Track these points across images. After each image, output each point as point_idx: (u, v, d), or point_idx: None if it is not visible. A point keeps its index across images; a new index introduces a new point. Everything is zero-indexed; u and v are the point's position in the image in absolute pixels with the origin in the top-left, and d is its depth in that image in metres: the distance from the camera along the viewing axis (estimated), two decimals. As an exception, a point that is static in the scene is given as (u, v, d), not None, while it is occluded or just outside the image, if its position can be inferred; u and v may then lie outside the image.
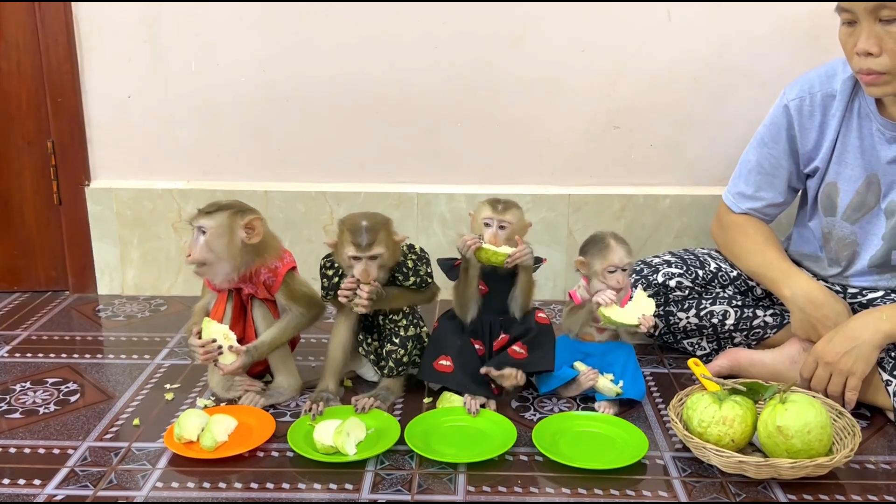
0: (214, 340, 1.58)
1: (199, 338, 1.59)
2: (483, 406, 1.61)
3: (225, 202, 1.62)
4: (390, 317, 1.67)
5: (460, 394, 1.64)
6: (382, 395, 1.64)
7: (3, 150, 2.22)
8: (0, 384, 1.77)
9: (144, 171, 2.25)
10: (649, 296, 1.67)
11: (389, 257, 1.60)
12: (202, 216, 1.59)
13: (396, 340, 1.66)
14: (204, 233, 1.57)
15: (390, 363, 1.66)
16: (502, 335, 1.67)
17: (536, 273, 1.67)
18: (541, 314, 1.68)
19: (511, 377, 1.61)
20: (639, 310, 1.63)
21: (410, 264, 1.65)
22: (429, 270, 1.68)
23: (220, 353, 1.59)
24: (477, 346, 1.66)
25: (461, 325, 1.68)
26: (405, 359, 1.66)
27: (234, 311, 1.68)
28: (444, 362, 1.64)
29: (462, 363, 1.64)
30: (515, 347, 1.63)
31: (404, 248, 1.66)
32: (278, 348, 1.68)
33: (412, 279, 1.65)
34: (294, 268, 1.68)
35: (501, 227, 1.61)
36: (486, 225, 1.62)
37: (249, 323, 1.69)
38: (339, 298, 1.61)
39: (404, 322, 1.67)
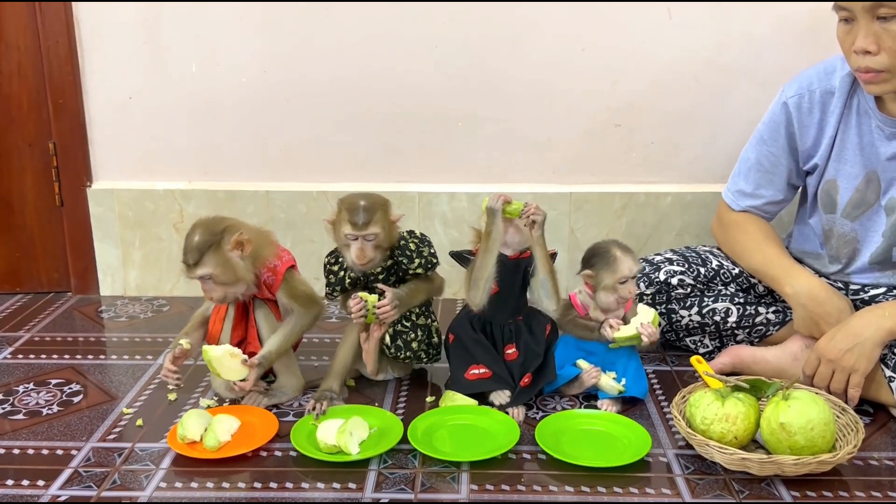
0: (177, 372, 1.61)
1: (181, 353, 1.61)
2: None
3: (197, 240, 1.54)
4: None
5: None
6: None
7: (5, 152, 2.23)
8: (3, 386, 1.77)
9: (146, 172, 2.25)
10: (649, 302, 1.66)
11: (385, 238, 1.61)
12: (194, 269, 1.55)
13: (408, 324, 1.67)
14: (210, 278, 1.56)
15: (398, 342, 1.66)
16: (513, 349, 1.66)
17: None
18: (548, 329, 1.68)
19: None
20: (638, 320, 1.63)
21: (413, 247, 1.66)
22: (432, 251, 1.69)
23: (180, 384, 1.62)
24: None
25: (474, 330, 1.66)
26: (413, 344, 1.67)
27: (236, 313, 1.68)
28: (478, 371, 1.63)
29: (495, 366, 1.64)
30: (525, 379, 1.63)
31: (404, 233, 1.68)
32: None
33: (417, 261, 1.65)
34: (293, 266, 1.68)
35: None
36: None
37: (252, 323, 1.69)
38: (354, 321, 1.62)
39: (417, 310, 1.69)
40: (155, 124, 2.21)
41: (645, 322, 1.62)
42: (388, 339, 1.66)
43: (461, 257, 1.67)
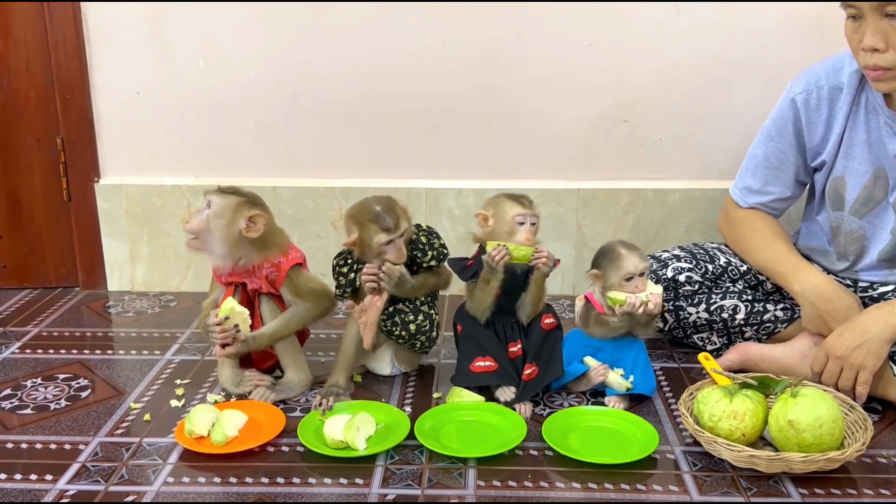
0: (228, 319, 1.59)
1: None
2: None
3: (245, 191, 1.64)
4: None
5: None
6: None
7: (13, 148, 2.23)
8: (11, 380, 1.78)
9: (153, 168, 2.26)
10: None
11: (409, 230, 1.65)
12: (216, 193, 1.61)
13: (409, 307, 1.69)
14: (209, 207, 1.59)
15: (396, 318, 1.67)
16: (517, 346, 1.66)
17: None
18: (547, 320, 1.67)
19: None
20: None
21: (424, 240, 1.69)
22: (442, 242, 1.72)
23: (238, 332, 1.60)
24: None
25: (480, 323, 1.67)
26: (411, 326, 1.67)
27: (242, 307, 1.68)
28: (483, 363, 1.63)
29: (502, 360, 1.64)
30: (527, 371, 1.63)
31: (413, 227, 1.70)
32: (287, 343, 1.69)
33: (430, 253, 1.68)
34: (300, 263, 1.68)
35: (532, 224, 1.62)
36: (520, 223, 1.61)
37: (257, 318, 1.69)
38: (367, 286, 1.62)
39: (422, 299, 1.71)
40: (162, 120, 2.22)
41: (655, 293, 1.63)
42: (385, 314, 1.67)
43: (459, 267, 1.67)
